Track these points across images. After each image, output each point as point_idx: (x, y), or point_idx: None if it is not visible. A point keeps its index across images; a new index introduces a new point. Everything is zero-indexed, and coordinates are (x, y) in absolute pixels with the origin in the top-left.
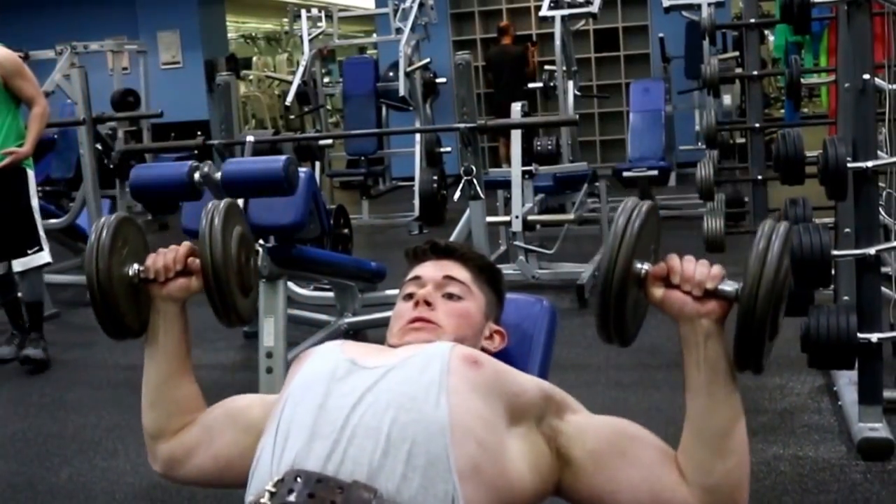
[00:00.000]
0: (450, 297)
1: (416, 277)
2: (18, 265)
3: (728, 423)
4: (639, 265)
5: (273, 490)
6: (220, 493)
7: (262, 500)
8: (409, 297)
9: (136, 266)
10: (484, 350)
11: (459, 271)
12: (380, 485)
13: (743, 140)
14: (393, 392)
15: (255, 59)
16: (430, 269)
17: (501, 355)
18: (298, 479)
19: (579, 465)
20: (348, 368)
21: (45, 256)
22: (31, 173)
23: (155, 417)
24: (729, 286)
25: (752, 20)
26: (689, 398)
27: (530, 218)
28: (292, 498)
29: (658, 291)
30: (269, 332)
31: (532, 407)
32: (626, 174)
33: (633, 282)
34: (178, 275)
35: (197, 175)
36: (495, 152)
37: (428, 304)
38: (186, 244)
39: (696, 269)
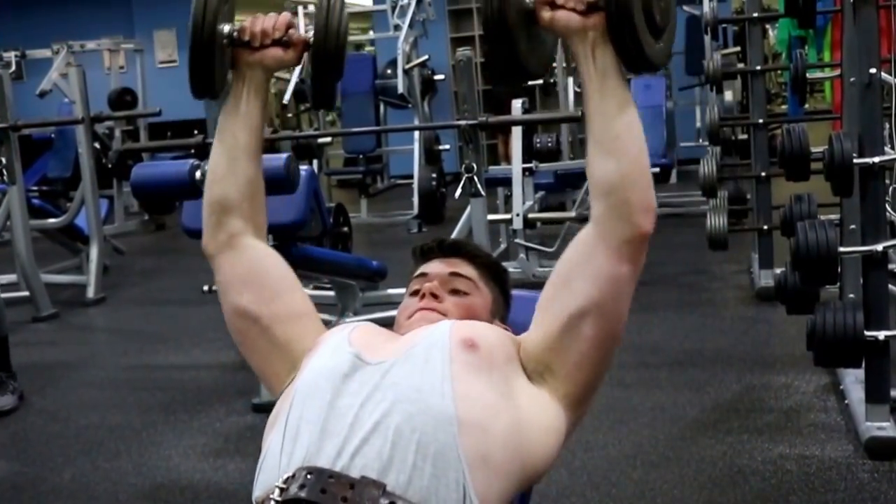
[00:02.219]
0: (456, 292)
1: (423, 274)
2: None
3: (622, 126)
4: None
5: (284, 486)
6: (224, 492)
7: (273, 496)
8: (416, 292)
9: (229, 25)
10: None
11: (466, 268)
12: (391, 478)
13: (745, 136)
14: (399, 386)
15: None
16: (437, 266)
17: None
18: (310, 476)
19: (547, 360)
20: (354, 363)
21: None
22: None
23: (225, 189)
24: None
25: (755, 14)
26: (585, 107)
27: (531, 216)
28: (304, 493)
29: (546, 14)
30: None
31: (514, 355)
32: None
33: (521, 12)
34: (275, 43)
35: (198, 174)
36: (494, 150)
37: (434, 296)
38: (286, 13)
39: None
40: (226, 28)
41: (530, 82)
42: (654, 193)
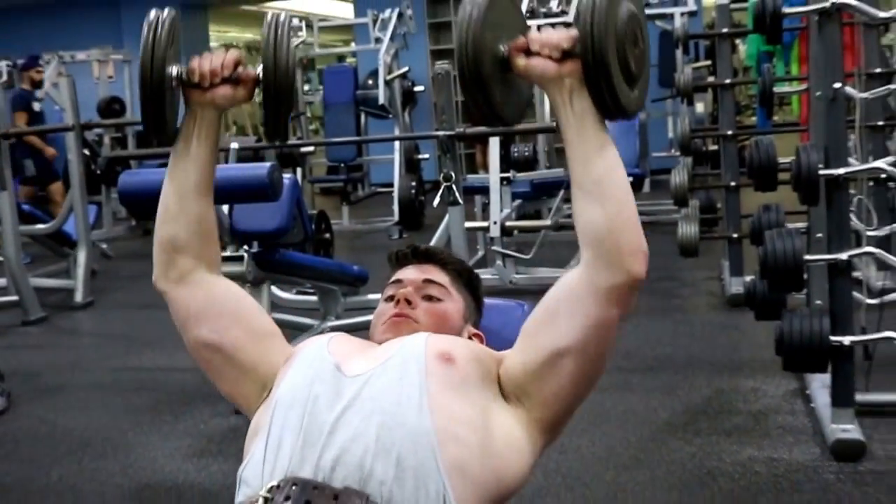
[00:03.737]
0: (429, 298)
1: (398, 280)
2: None
3: (602, 170)
4: (501, 47)
5: (268, 495)
6: (207, 493)
7: None
8: (391, 298)
9: (177, 67)
10: None
11: (439, 275)
12: (372, 488)
13: (716, 147)
14: (377, 400)
15: None
16: (412, 273)
17: None
18: (295, 487)
19: (526, 386)
20: (333, 374)
21: None
22: None
23: (175, 229)
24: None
25: (725, 30)
26: (567, 155)
27: (508, 223)
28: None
29: (521, 62)
30: None
31: (493, 373)
32: None
33: (496, 60)
34: (224, 81)
35: None
36: (472, 159)
37: (408, 302)
38: (234, 51)
39: (553, 34)
40: (174, 70)
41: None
42: (643, 236)
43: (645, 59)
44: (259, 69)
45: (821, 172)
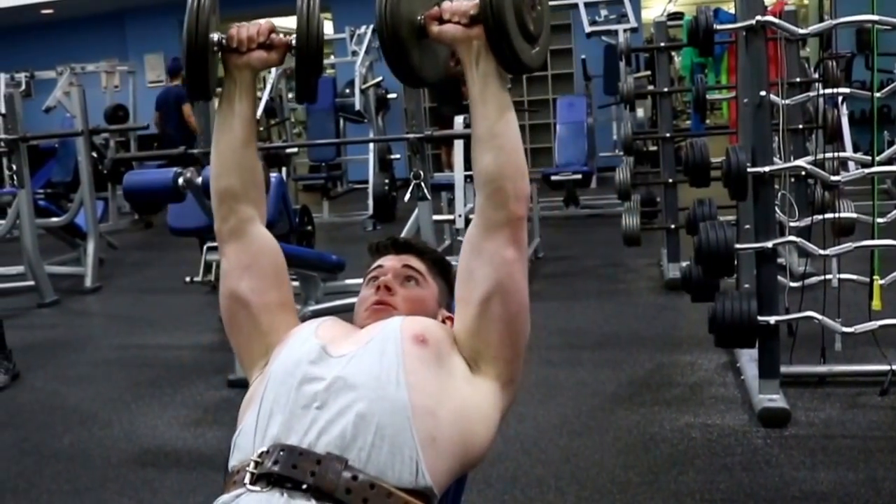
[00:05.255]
0: (408, 281)
1: (379, 266)
2: None
3: (500, 126)
4: (418, 17)
5: (259, 460)
6: (203, 457)
7: (248, 468)
8: (372, 280)
9: (218, 34)
10: None
11: (416, 262)
12: (352, 455)
13: (655, 148)
14: (359, 376)
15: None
16: (391, 261)
17: None
18: (282, 452)
19: (473, 339)
20: (320, 354)
21: None
22: None
23: (231, 180)
24: None
25: (662, 44)
26: (471, 112)
27: (471, 216)
28: (276, 468)
29: (435, 28)
30: None
31: (453, 346)
32: (553, 177)
33: (412, 28)
34: (259, 47)
35: (181, 180)
36: (438, 159)
37: (388, 289)
38: (268, 20)
39: (462, 3)
40: (215, 37)
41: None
42: (528, 184)
43: (544, 19)
44: (292, 37)
45: (748, 170)
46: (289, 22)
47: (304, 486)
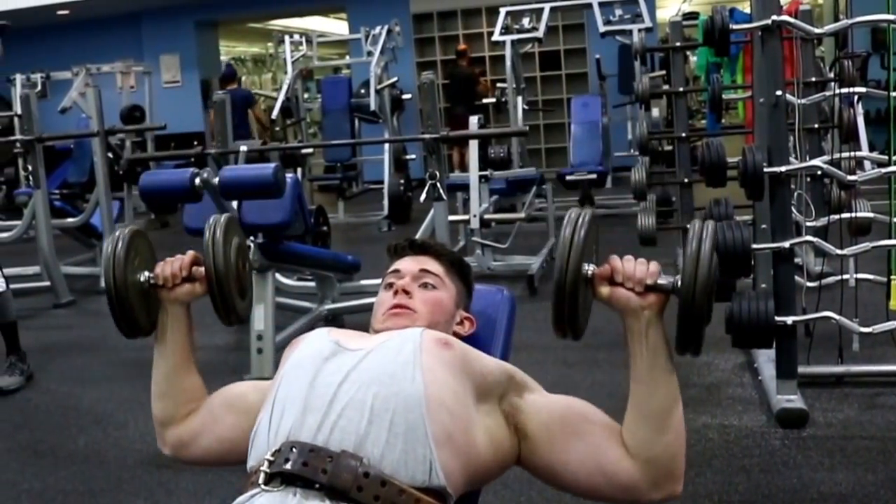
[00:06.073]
0: (425, 286)
1: (396, 270)
2: None
3: (668, 402)
4: (586, 267)
5: (271, 458)
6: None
7: (262, 468)
8: (390, 286)
9: (146, 273)
10: (455, 334)
11: (434, 265)
12: (366, 451)
13: (670, 147)
14: (374, 370)
15: (243, 78)
16: (409, 263)
17: (470, 339)
18: (294, 450)
19: (535, 438)
20: (334, 350)
21: None
22: None
23: (164, 406)
24: (665, 280)
25: (678, 43)
26: (634, 382)
27: (486, 216)
28: (288, 466)
29: (605, 290)
30: (260, 318)
31: (496, 386)
32: (568, 177)
33: (581, 283)
34: (185, 280)
35: (197, 180)
36: (450, 159)
37: (406, 292)
38: (191, 253)
39: (637, 267)
40: (141, 277)
41: (485, 101)
42: (683, 461)
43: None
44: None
45: (765, 170)
46: (292, 22)
47: (317, 486)
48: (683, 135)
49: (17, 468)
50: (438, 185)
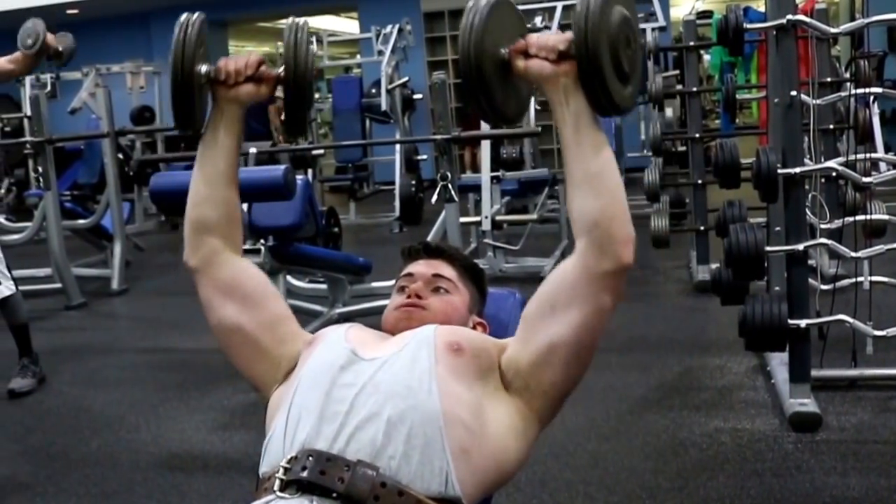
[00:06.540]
0: (438, 291)
1: (409, 274)
2: None
3: (597, 165)
4: (502, 50)
5: (287, 466)
6: (231, 461)
7: (278, 474)
8: (402, 290)
9: (207, 66)
10: None
11: (447, 269)
12: (382, 463)
13: (684, 148)
14: (390, 382)
15: None
16: (422, 267)
17: None
18: (311, 458)
19: (533, 381)
20: (350, 359)
21: (2, 291)
22: None
23: (203, 211)
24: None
25: (691, 42)
26: (564, 151)
27: (498, 218)
28: (305, 474)
29: (521, 63)
30: None
31: (495, 363)
32: None
33: (496, 63)
34: (248, 80)
35: None
36: (461, 159)
37: (419, 297)
38: (256, 53)
39: (549, 37)
40: (203, 69)
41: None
42: (632, 226)
43: (637, 59)
44: (280, 69)
45: (779, 171)
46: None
47: (335, 494)
48: (697, 135)
49: (29, 471)
50: (450, 186)
